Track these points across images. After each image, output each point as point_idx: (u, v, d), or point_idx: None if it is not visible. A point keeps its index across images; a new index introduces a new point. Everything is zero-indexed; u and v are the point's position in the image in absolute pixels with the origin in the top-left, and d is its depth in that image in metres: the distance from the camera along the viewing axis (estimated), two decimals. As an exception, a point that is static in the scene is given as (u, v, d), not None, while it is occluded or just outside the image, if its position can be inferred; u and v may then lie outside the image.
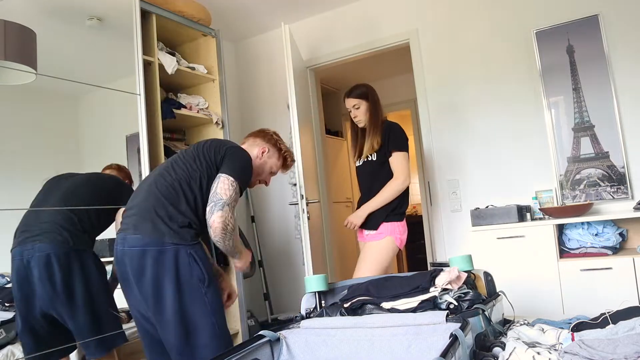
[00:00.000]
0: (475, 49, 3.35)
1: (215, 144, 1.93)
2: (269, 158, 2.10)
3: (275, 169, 2.14)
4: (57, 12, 2.48)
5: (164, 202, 1.77)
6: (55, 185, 2.20)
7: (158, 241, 1.70)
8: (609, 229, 2.74)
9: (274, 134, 2.15)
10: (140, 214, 1.77)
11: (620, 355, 1.17)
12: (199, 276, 1.72)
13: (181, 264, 1.71)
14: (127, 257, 1.74)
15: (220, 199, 1.76)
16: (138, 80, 2.63)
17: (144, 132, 2.61)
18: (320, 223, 3.66)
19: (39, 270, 1.97)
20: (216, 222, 1.74)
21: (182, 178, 1.82)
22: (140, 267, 1.71)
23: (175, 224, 1.74)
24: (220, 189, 1.78)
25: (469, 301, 1.57)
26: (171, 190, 1.79)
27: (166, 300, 1.70)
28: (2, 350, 2.08)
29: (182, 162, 1.88)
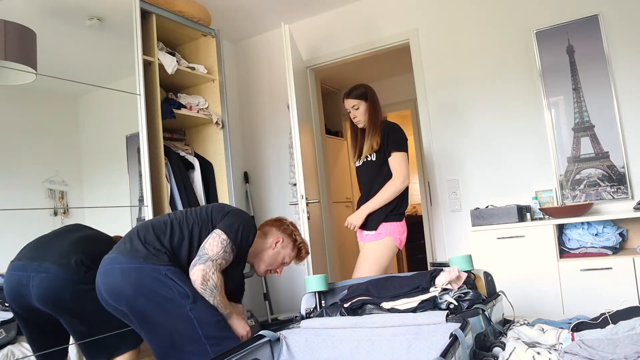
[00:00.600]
0: (475, 49, 3.35)
1: (220, 206, 1.97)
2: (283, 248, 2.08)
3: (288, 260, 2.11)
4: (57, 12, 2.48)
5: (149, 229, 1.82)
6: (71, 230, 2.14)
7: (130, 259, 1.72)
8: (609, 229, 2.74)
9: (290, 224, 2.14)
10: (123, 239, 1.83)
11: (620, 355, 1.17)
12: (180, 293, 1.69)
13: (156, 282, 1.69)
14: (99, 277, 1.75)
15: (205, 254, 1.77)
16: (138, 80, 2.63)
17: (144, 132, 2.61)
18: (320, 223, 3.66)
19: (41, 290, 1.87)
20: (195, 274, 1.73)
21: (178, 219, 1.87)
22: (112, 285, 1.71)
23: (151, 247, 1.76)
24: (208, 245, 1.79)
25: (469, 301, 1.57)
26: (162, 224, 1.85)
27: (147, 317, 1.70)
28: (2, 350, 2.07)
29: (182, 212, 1.94)
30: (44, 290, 1.86)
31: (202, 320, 1.69)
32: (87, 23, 2.63)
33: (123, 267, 1.70)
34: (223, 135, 3.25)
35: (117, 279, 1.70)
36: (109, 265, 1.74)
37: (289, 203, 3.81)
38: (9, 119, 2.25)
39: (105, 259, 1.78)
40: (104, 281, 1.73)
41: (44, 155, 2.38)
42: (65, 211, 2.37)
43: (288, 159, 4.01)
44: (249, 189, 4.20)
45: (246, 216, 1.94)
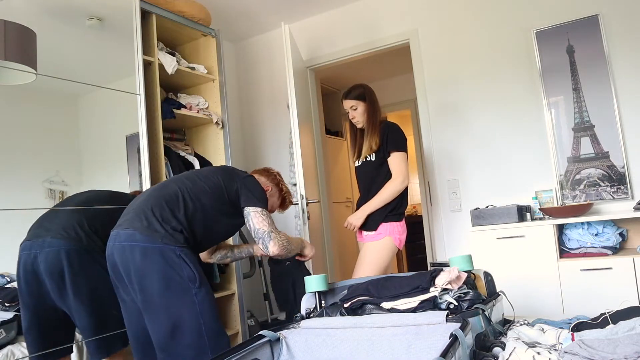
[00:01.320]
0: (475, 49, 3.35)
1: (227, 172, 2.00)
2: (270, 197, 2.15)
3: (273, 208, 2.23)
4: (57, 12, 2.48)
5: (163, 205, 1.81)
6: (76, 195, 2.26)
7: (148, 238, 1.73)
8: (609, 229, 2.74)
9: (278, 174, 2.25)
10: (136, 212, 1.81)
11: (620, 355, 1.17)
12: (189, 276, 1.73)
13: (170, 263, 1.72)
14: (116, 251, 1.76)
15: (264, 232, 1.88)
16: (138, 80, 2.63)
17: (144, 132, 2.61)
18: (320, 223, 3.66)
19: (47, 265, 1.96)
20: (276, 251, 1.89)
21: (188, 190, 1.87)
22: (127, 261, 1.73)
23: (168, 226, 1.76)
24: (257, 224, 1.89)
25: (469, 301, 1.56)
26: (173, 196, 1.84)
27: (152, 297, 1.71)
28: (2, 350, 2.07)
29: (194, 177, 1.94)
30: (50, 265, 1.95)
31: (204, 306, 1.74)
32: (87, 23, 2.63)
33: (142, 245, 1.72)
34: (223, 135, 3.25)
35: (136, 257, 1.71)
36: (126, 241, 1.74)
37: (289, 203, 3.81)
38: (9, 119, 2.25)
39: (120, 233, 1.77)
40: (121, 257, 1.74)
41: (44, 155, 2.38)
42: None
43: (288, 159, 4.01)
44: (249, 189, 4.20)
45: (253, 179, 2.02)
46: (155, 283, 1.70)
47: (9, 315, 2.16)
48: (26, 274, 2.00)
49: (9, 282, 2.20)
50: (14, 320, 2.14)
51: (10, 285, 2.18)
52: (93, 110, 2.64)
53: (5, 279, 2.22)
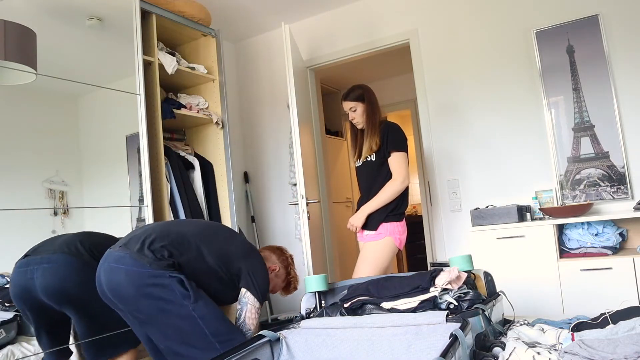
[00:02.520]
0: (475, 49, 3.35)
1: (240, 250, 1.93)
2: (276, 277, 2.14)
3: (276, 289, 2.19)
4: (57, 12, 2.48)
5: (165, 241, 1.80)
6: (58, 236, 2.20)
7: (137, 262, 1.72)
8: (609, 229, 2.74)
9: (290, 257, 2.21)
10: (136, 237, 1.81)
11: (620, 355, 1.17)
12: (182, 294, 1.71)
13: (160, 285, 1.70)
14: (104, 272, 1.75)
15: (249, 330, 1.85)
16: (138, 80, 2.63)
17: (144, 132, 2.61)
18: (320, 223, 3.66)
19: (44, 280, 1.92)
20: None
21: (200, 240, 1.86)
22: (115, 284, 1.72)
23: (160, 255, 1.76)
24: (248, 320, 1.85)
25: (469, 301, 1.57)
26: (180, 238, 1.83)
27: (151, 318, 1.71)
28: (2, 350, 2.07)
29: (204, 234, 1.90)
30: (47, 280, 1.92)
31: (206, 317, 1.72)
32: (87, 23, 2.62)
33: (128, 268, 1.71)
34: (223, 135, 3.25)
35: (121, 279, 1.70)
36: (114, 263, 1.74)
37: (289, 203, 3.81)
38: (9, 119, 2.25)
39: (111, 253, 1.77)
40: (108, 278, 1.74)
41: (44, 155, 2.37)
42: (65, 211, 2.37)
43: (288, 159, 4.01)
44: (249, 189, 4.20)
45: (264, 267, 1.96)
46: (148, 308, 1.70)
47: (9, 315, 2.16)
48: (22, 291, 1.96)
49: (9, 282, 2.20)
50: (14, 320, 2.13)
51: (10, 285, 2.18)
52: (93, 110, 2.64)
53: (5, 279, 2.22)
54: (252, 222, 4.12)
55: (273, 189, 4.14)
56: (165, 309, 1.69)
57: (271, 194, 4.16)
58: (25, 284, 1.94)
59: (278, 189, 4.11)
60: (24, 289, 1.94)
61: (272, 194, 4.15)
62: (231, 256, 1.89)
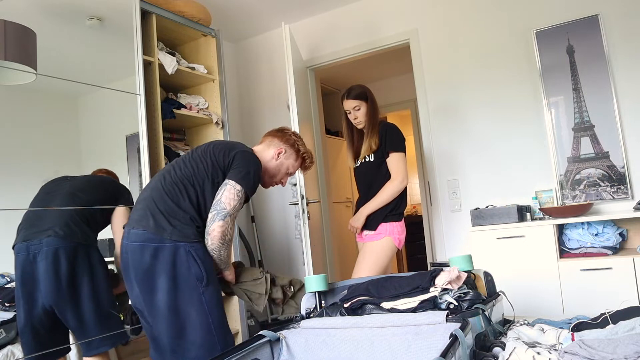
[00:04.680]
0: (475, 49, 3.35)
1: (224, 145, 1.91)
2: (286, 159, 2.06)
3: (292, 170, 2.10)
4: (57, 12, 2.48)
5: (166, 198, 1.78)
6: (56, 187, 2.21)
7: (157, 237, 1.71)
8: (609, 229, 2.74)
9: (293, 134, 2.10)
10: (143, 209, 1.79)
11: (620, 355, 1.17)
12: (197, 275, 1.72)
13: (179, 262, 1.71)
14: (129, 251, 1.76)
15: (224, 209, 1.77)
16: (138, 80, 2.63)
17: (144, 132, 2.61)
18: (320, 223, 3.66)
19: (47, 264, 1.97)
20: (216, 230, 1.76)
21: (186, 176, 1.82)
22: (138, 262, 1.73)
23: (176, 221, 1.74)
24: (225, 198, 1.78)
25: (469, 301, 1.56)
26: (174, 187, 1.80)
27: (160, 297, 1.71)
28: (2, 350, 2.07)
29: (188, 161, 1.88)
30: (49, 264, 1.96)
31: (212, 304, 1.73)
32: (87, 23, 2.63)
33: (152, 246, 1.71)
34: (223, 135, 3.25)
35: (146, 259, 1.71)
36: (137, 242, 1.73)
37: (289, 203, 3.81)
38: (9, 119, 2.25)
39: (131, 232, 1.75)
40: (133, 257, 1.74)
41: (44, 155, 2.38)
42: (65, 211, 2.37)
43: (288, 159, 4.01)
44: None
45: (253, 158, 1.91)
46: (164, 284, 1.70)
47: (9, 315, 2.16)
48: (24, 275, 2.00)
49: (9, 282, 2.20)
50: (14, 320, 2.14)
51: (10, 285, 2.18)
52: (93, 110, 2.64)
53: (5, 279, 2.22)
54: (252, 222, 4.12)
55: (273, 189, 4.13)
56: (179, 286, 1.70)
57: (271, 194, 4.16)
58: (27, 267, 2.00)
59: (278, 189, 4.10)
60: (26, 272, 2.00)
61: (272, 194, 4.15)
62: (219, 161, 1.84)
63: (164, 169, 1.92)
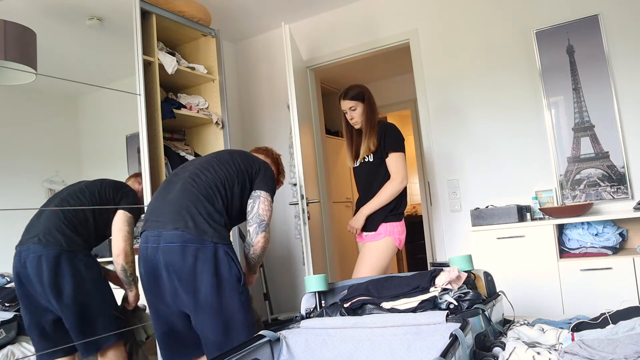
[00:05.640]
0: (475, 49, 3.35)
1: (246, 155, 2.05)
2: None
3: None
4: (57, 12, 2.48)
5: (202, 200, 1.82)
6: (59, 192, 2.24)
7: (199, 238, 1.74)
8: (609, 229, 2.74)
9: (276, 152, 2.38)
10: (176, 210, 1.79)
11: (620, 355, 1.17)
12: (237, 274, 1.78)
13: (221, 262, 1.75)
14: (161, 252, 1.74)
15: (264, 221, 1.90)
16: (138, 80, 2.63)
17: (144, 132, 2.61)
18: (320, 223, 3.66)
19: (32, 270, 2.01)
20: (260, 242, 1.89)
21: (219, 179, 1.89)
22: (179, 263, 1.72)
23: (215, 223, 1.79)
24: (262, 210, 1.90)
25: (469, 301, 1.57)
26: (209, 189, 1.85)
27: (206, 297, 1.73)
28: (2, 350, 2.08)
29: (217, 164, 1.94)
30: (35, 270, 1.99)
31: (248, 303, 1.81)
32: (87, 23, 2.63)
33: (195, 246, 1.73)
34: (223, 135, 3.25)
35: (188, 259, 1.72)
36: (175, 242, 1.73)
37: (289, 203, 3.81)
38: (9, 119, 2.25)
39: (164, 234, 1.75)
40: (170, 258, 1.73)
41: (44, 155, 2.38)
42: (65, 211, 2.37)
43: (288, 159, 4.01)
44: (249, 189, 4.19)
45: (272, 170, 2.08)
46: (208, 283, 1.72)
47: (9, 315, 2.17)
48: (18, 277, 2.04)
49: (9, 282, 2.21)
50: (14, 320, 2.14)
51: (10, 285, 2.18)
52: (93, 110, 2.64)
53: (5, 279, 2.22)
54: (252, 222, 4.12)
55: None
56: (221, 286, 1.74)
57: (271, 194, 4.16)
58: (21, 271, 2.03)
59: (278, 189, 4.10)
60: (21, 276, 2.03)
61: (272, 194, 4.15)
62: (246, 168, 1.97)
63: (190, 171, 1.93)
